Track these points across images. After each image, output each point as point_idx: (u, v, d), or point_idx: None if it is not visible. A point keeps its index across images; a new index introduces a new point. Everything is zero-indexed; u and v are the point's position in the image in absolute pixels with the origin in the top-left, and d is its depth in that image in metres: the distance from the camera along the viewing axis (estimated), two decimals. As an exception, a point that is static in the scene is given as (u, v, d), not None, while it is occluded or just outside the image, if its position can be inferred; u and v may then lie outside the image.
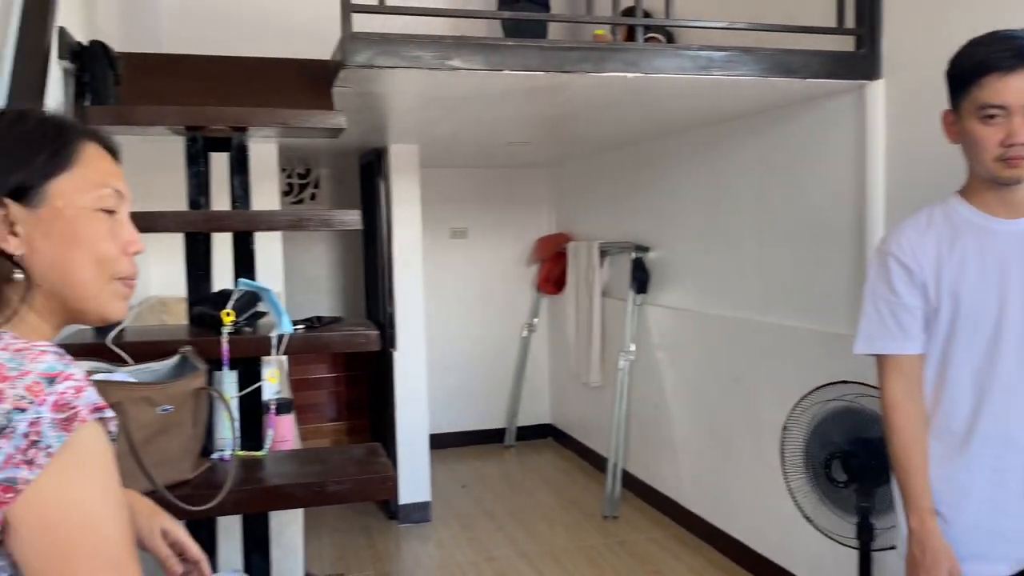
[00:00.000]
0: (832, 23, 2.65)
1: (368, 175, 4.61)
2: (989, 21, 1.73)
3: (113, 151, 0.96)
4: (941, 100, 1.62)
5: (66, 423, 0.76)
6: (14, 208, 0.86)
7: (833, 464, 2.33)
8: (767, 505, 3.21)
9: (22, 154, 0.87)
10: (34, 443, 0.74)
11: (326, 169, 5.30)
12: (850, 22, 2.63)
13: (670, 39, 3.70)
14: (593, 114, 3.21)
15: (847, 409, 2.38)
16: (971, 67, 1.52)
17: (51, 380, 0.77)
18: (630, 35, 3.44)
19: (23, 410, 0.75)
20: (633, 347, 4.15)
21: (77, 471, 0.77)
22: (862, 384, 2.36)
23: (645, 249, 4.11)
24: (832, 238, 2.87)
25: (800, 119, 3.01)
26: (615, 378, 4.24)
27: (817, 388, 2.48)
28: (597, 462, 4.76)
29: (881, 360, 1.68)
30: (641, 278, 4.07)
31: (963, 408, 1.59)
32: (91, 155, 0.92)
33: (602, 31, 3.94)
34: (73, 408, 0.77)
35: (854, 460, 2.28)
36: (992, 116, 1.49)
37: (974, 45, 1.54)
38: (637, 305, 4.13)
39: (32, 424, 0.74)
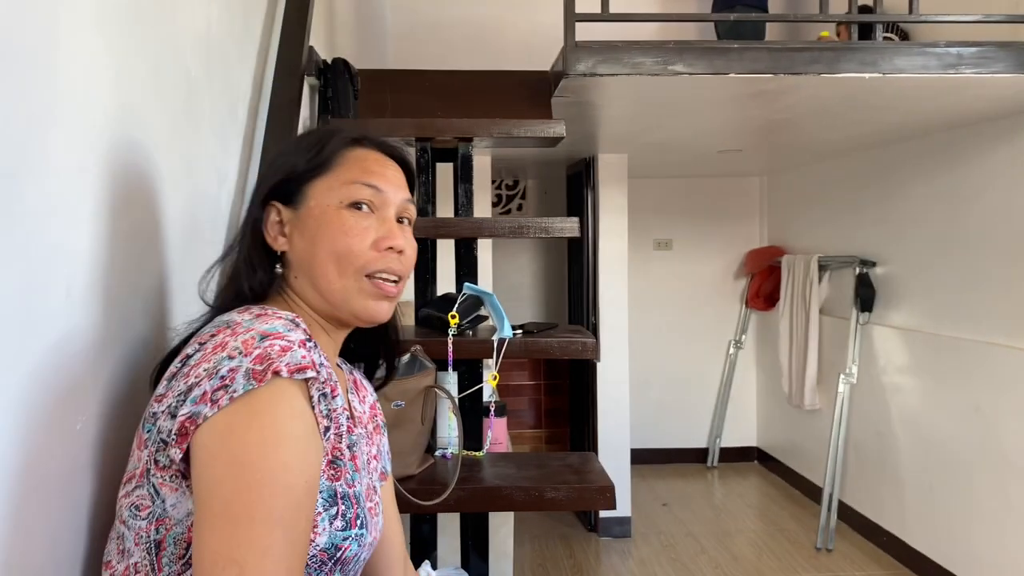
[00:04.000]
0: (1110, 9, 2.33)
1: (575, 185, 4.64)
2: None
3: (390, 153, 1.01)
4: None
5: (260, 374, 0.78)
6: (281, 209, 0.95)
7: (1107, 513, 2.02)
8: (1012, 552, 2.86)
9: (287, 162, 0.96)
10: (225, 386, 0.77)
11: (532, 180, 5.40)
12: None
13: (905, 40, 3.43)
14: (818, 119, 3.03)
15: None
16: None
17: (264, 337, 0.81)
18: (863, 36, 3.23)
19: (232, 358, 0.79)
20: (855, 369, 3.87)
21: (253, 417, 0.77)
22: None
23: (871, 264, 3.81)
24: (1105, 254, 2.51)
25: (1065, 120, 2.67)
26: (832, 402, 3.97)
27: (1086, 424, 2.17)
28: (808, 490, 4.48)
29: None
30: (866, 295, 3.78)
31: None
32: (354, 157, 0.97)
33: (827, 33, 3.73)
34: (270, 361, 0.79)
35: None
36: None
37: None
38: (861, 324, 3.85)
39: (232, 370, 0.78)
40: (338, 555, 0.87)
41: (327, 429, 0.88)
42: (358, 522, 0.90)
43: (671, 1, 4.38)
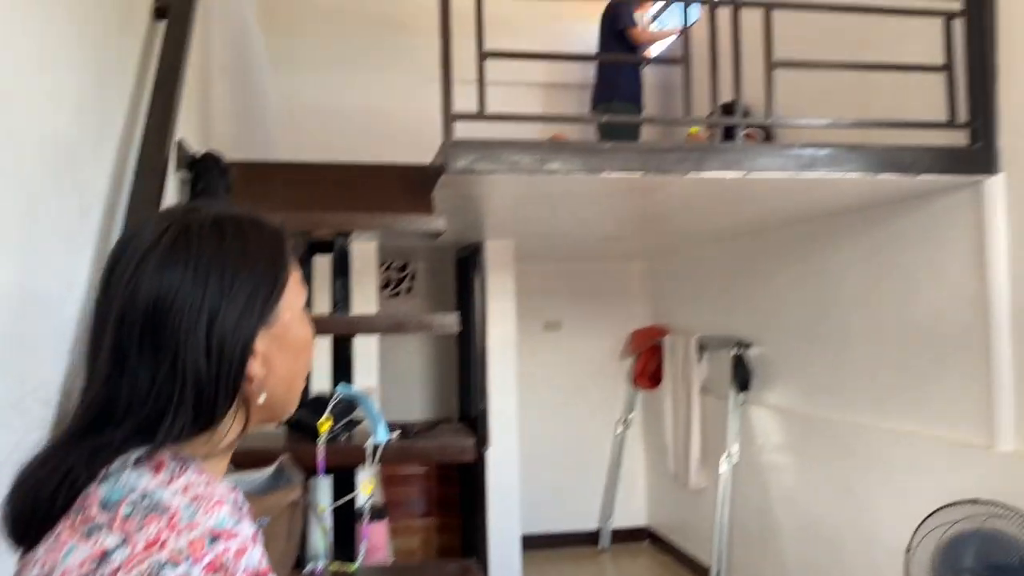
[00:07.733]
0: (943, 117, 2.55)
1: (464, 269, 4.66)
2: None
3: None
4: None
5: None
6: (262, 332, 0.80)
7: (967, 593, 2.11)
8: (889, 630, 2.93)
9: (265, 280, 0.81)
10: None
11: (423, 263, 5.39)
12: (963, 115, 2.53)
13: (768, 137, 3.65)
14: (689, 212, 3.17)
15: (977, 532, 2.17)
16: None
17: (215, 539, 0.70)
18: (728, 134, 3.42)
19: (176, 564, 0.68)
20: (736, 448, 3.96)
21: None
22: (993, 504, 2.15)
23: (746, 345, 3.96)
24: (953, 342, 2.68)
25: (912, 215, 2.87)
26: (716, 481, 4.04)
27: (942, 508, 2.27)
28: (697, 570, 4.51)
29: None
30: (743, 375, 3.91)
31: None
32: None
33: (696, 129, 3.94)
34: (226, 572, 0.69)
35: (992, 590, 2.06)
36: None
37: None
38: (739, 404, 3.96)
39: None
40: None
41: None
42: None
43: (552, 99, 4.55)
